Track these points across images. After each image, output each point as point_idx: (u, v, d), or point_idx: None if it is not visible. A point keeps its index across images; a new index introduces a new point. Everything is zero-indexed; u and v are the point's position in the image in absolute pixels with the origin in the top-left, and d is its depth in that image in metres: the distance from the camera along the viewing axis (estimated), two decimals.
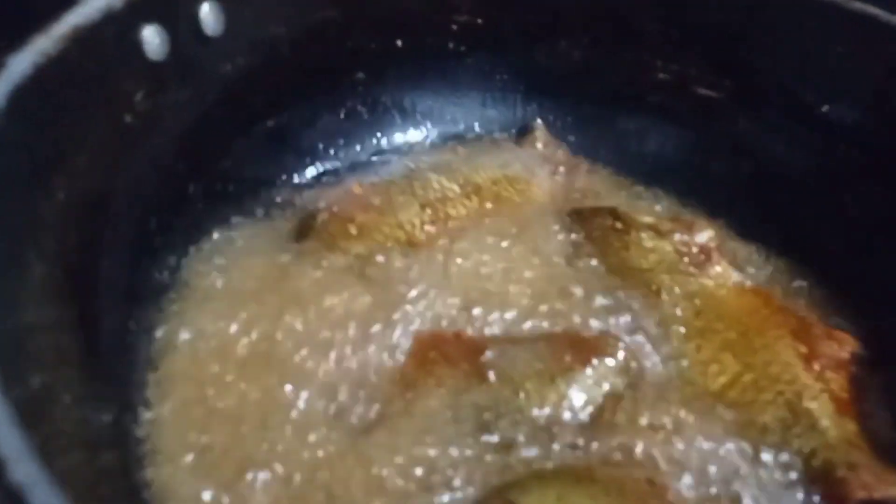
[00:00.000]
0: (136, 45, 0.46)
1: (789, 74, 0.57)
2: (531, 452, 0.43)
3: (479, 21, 0.63)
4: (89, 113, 0.43)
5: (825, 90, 0.56)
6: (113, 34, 0.44)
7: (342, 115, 0.61)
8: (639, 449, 0.44)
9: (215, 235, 0.52)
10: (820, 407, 0.46)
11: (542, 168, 0.63)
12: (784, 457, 0.45)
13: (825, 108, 0.55)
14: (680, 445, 0.45)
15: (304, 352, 0.47)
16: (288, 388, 0.44)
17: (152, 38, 0.47)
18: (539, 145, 0.64)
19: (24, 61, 0.38)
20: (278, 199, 0.56)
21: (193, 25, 0.50)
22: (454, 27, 0.63)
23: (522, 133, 0.66)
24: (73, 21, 0.41)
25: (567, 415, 0.45)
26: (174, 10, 0.48)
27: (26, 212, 0.38)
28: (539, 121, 0.66)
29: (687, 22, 0.62)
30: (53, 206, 0.40)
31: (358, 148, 0.62)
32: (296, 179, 0.59)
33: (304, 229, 0.53)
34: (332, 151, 0.61)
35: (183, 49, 0.49)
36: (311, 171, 0.60)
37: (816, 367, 0.49)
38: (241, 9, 0.52)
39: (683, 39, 0.62)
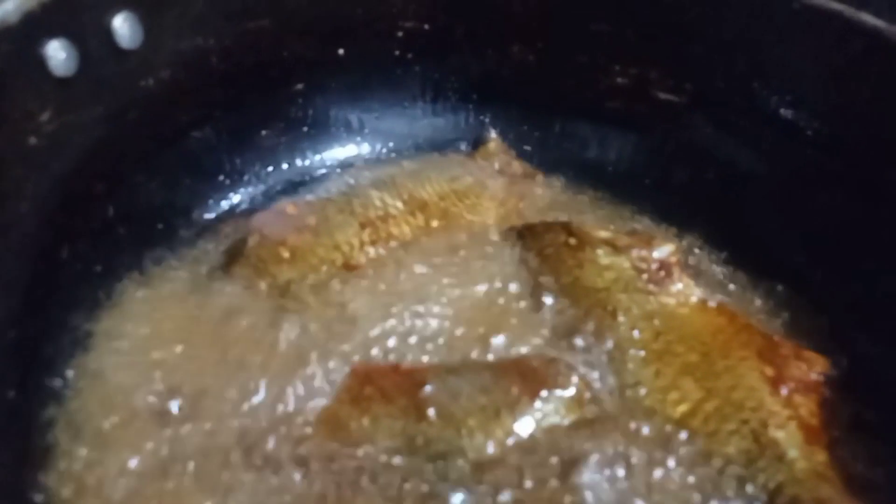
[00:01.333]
0: (40, 62, 0.42)
1: (749, 76, 0.54)
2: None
3: (426, 27, 0.60)
4: None
5: (787, 93, 0.52)
6: (10, 51, 0.40)
7: (278, 130, 0.58)
8: (588, 484, 0.40)
9: (138, 264, 0.48)
10: (787, 436, 0.43)
11: (494, 181, 0.60)
12: (749, 490, 0.42)
13: (787, 113, 0.52)
14: (637, 480, 0.41)
15: (224, 392, 0.43)
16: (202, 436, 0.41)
17: (57, 53, 0.43)
18: (493, 157, 0.61)
19: None
20: (206, 223, 0.52)
21: (106, 38, 0.46)
22: (399, 33, 0.60)
23: (476, 145, 0.62)
24: None
25: (513, 452, 0.41)
26: (82, 23, 0.44)
27: None
28: (493, 131, 0.62)
29: (643, 23, 0.59)
30: None
31: (295, 164, 0.59)
32: (226, 201, 0.55)
33: (233, 255, 0.50)
34: (266, 169, 0.58)
35: (95, 64, 0.45)
36: (242, 192, 0.56)
37: (784, 391, 0.46)
38: (161, 18, 0.48)
39: (640, 42, 0.59)
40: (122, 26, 0.47)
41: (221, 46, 0.53)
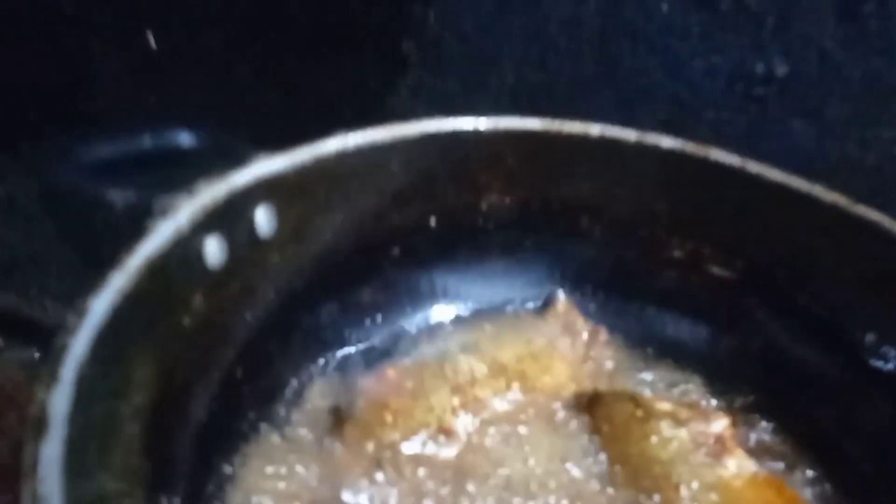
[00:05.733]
0: (199, 257, 0.50)
1: (794, 272, 0.61)
2: None
3: (507, 200, 0.68)
4: (154, 326, 0.47)
5: (832, 300, 0.59)
6: (180, 254, 0.48)
7: (378, 293, 0.65)
8: None
9: (261, 435, 0.55)
10: None
11: (563, 339, 0.66)
12: None
13: (846, 329, 0.58)
14: None
15: None
16: None
17: (213, 247, 0.51)
18: (560, 316, 0.68)
19: (104, 302, 0.42)
20: (316, 383, 0.59)
21: (249, 230, 0.54)
22: (483, 206, 0.67)
23: (545, 305, 0.69)
24: (145, 252, 0.45)
25: None
26: (233, 221, 0.52)
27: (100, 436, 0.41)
28: (561, 291, 0.70)
29: (698, 205, 0.66)
30: (123, 421, 0.43)
31: (391, 326, 0.66)
32: (334, 362, 0.62)
33: (343, 416, 0.56)
34: (368, 331, 0.65)
35: (239, 252, 0.53)
36: (346, 354, 0.64)
37: None
38: (290, 208, 0.56)
39: (695, 220, 0.67)
40: (262, 218, 0.55)
41: (335, 225, 0.60)
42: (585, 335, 0.68)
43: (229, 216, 0.51)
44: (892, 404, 0.57)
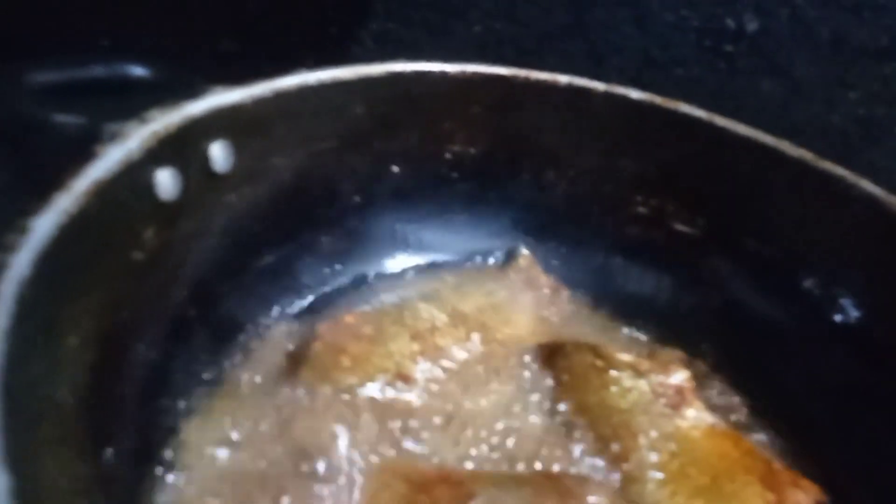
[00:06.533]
0: (150, 188, 0.48)
1: (758, 226, 0.61)
2: None
3: (472, 150, 0.67)
4: (102, 255, 0.45)
5: (794, 254, 0.59)
6: (129, 182, 0.46)
7: (337, 240, 0.63)
8: None
9: (215, 380, 0.53)
10: None
11: (525, 294, 0.66)
12: None
13: (807, 283, 0.58)
14: None
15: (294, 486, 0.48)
16: None
17: (165, 179, 0.49)
18: (522, 270, 0.67)
19: (47, 223, 0.40)
20: (270, 327, 0.58)
21: (204, 164, 0.52)
22: (448, 155, 0.66)
23: (508, 259, 0.68)
24: (93, 175, 0.43)
25: None
26: (187, 153, 0.50)
27: (43, 364, 0.39)
28: (523, 247, 0.69)
29: (664, 160, 0.66)
30: (69, 352, 0.41)
31: (351, 274, 0.64)
32: (290, 307, 0.61)
33: (298, 360, 0.55)
34: (326, 278, 0.63)
35: (192, 186, 0.51)
36: (303, 301, 0.62)
37: None
38: (248, 144, 0.54)
39: (661, 177, 0.66)
40: (219, 153, 0.53)
41: (294, 165, 0.59)
42: (547, 291, 0.67)
43: (183, 148, 0.49)
44: (851, 359, 0.57)
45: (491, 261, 0.69)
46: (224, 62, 0.71)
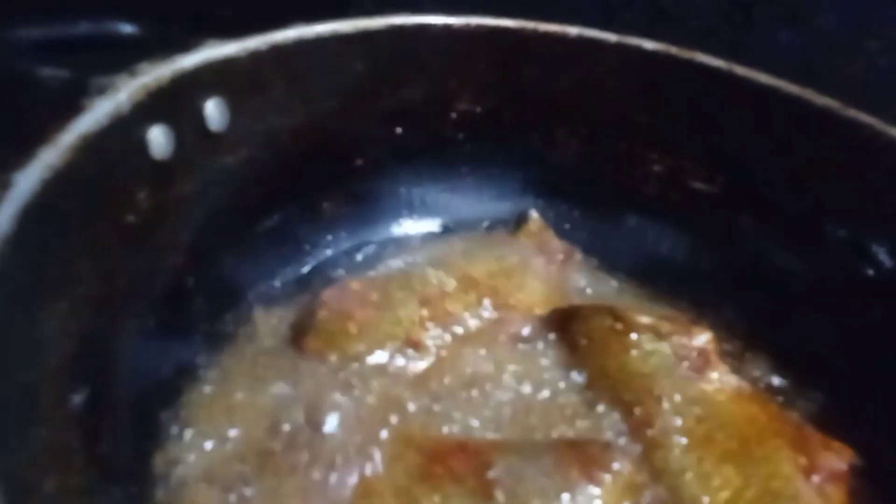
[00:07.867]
0: (142, 146, 0.45)
1: (782, 180, 0.58)
2: None
3: (478, 109, 0.64)
4: (92, 217, 0.42)
5: (822, 206, 0.57)
6: (119, 138, 0.43)
7: (340, 205, 0.61)
8: None
9: (217, 350, 0.50)
10: None
11: (536, 259, 0.63)
12: None
13: (838, 234, 0.55)
14: None
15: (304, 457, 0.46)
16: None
17: (158, 137, 0.46)
18: (534, 236, 0.64)
19: (31, 177, 0.37)
20: (273, 294, 0.55)
21: (198, 122, 0.49)
22: (453, 115, 0.63)
23: (518, 223, 0.65)
24: (80, 129, 0.40)
25: None
26: (180, 109, 0.47)
27: (31, 326, 0.37)
28: (534, 210, 0.66)
29: (680, 115, 0.63)
30: (57, 318, 0.39)
31: (355, 240, 0.62)
32: (292, 274, 0.58)
33: (303, 328, 0.52)
34: (329, 244, 0.61)
35: (187, 146, 0.48)
36: (308, 265, 0.59)
37: (816, 479, 0.49)
38: (244, 102, 0.51)
39: (677, 134, 0.63)
40: (213, 111, 0.50)
41: (293, 126, 0.56)
42: (560, 256, 0.64)
43: (175, 103, 0.47)
44: (885, 314, 0.54)
45: (500, 225, 0.66)
46: (216, 20, 0.68)
